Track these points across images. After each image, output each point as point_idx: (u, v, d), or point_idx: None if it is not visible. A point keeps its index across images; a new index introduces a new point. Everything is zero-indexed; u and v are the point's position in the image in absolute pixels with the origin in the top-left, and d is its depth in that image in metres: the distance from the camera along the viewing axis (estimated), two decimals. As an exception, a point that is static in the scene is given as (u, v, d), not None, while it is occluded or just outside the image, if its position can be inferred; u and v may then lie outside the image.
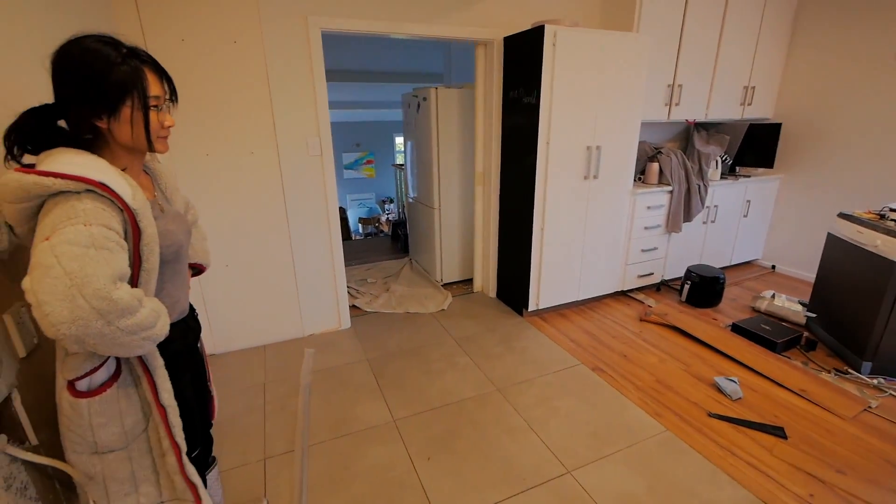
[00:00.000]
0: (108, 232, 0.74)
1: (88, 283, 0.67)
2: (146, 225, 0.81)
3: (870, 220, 2.31)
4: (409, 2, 2.48)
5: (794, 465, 1.71)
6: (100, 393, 0.85)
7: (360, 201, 9.02)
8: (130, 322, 0.73)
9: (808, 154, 3.43)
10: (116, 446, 0.89)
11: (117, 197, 0.77)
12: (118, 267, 0.73)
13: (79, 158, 0.77)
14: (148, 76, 0.84)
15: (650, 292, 3.38)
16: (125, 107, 0.82)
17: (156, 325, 0.79)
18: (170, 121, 0.91)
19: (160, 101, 0.87)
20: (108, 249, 0.72)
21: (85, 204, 0.73)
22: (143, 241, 0.81)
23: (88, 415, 0.84)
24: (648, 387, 2.22)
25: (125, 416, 0.89)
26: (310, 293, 2.72)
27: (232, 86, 2.22)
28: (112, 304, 0.69)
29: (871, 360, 2.24)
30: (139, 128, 0.85)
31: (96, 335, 0.70)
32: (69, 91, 0.79)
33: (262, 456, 1.81)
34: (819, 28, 3.25)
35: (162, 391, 0.90)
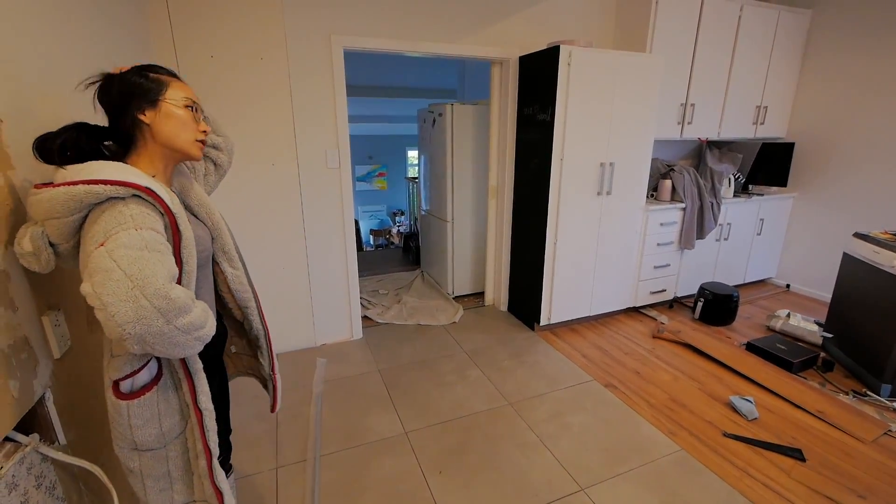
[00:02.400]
0: (157, 235, 0.77)
1: (149, 284, 0.71)
2: (185, 228, 0.85)
3: (886, 240, 2.30)
4: (428, 22, 2.56)
5: (812, 489, 1.68)
6: (139, 396, 0.88)
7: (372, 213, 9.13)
8: (186, 321, 0.75)
9: (821, 173, 3.43)
10: (154, 446, 0.92)
11: (161, 201, 0.81)
12: (170, 267, 0.77)
13: (113, 166, 0.81)
14: (179, 84, 0.93)
15: (663, 309, 3.36)
16: (163, 100, 0.89)
17: (206, 325, 0.81)
18: (205, 126, 0.97)
19: (194, 102, 0.94)
20: (160, 251, 0.76)
21: (132, 209, 0.77)
22: (182, 244, 0.84)
23: (128, 416, 0.88)
24: (662, 405, 2.20)
25: (163, 418, 0.92)
26: (323, 303, 2.75)
27: (257, 100, 2.31)
28: (171, 303, 0.72)
29: (891, 382, 2.20)
30: (176, 120, 0.91)
31: (157, 333, 0.72)
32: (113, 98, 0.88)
33: (275, 465, 1.83)
34: (831, 49, 3.28)
35: (200, 394, 0.93)
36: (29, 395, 0.96)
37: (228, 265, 1.10)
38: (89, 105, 0.92)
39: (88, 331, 1.24)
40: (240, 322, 1.22)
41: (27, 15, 1.09)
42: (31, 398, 0.96)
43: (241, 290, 1.13)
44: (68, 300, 1.14)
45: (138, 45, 1.90)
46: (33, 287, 1.00)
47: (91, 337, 1.25)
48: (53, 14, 1.21)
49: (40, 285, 1.03)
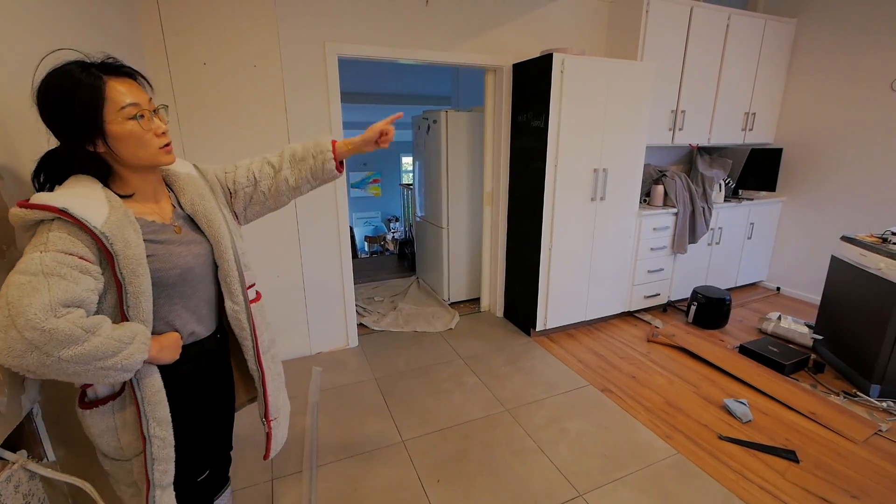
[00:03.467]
0: (63, 257, 0.73)
1: (21, 313, 0.66)
2: (121, 248, 0.79)
3: (872, 243, 2.35)
4: (422, 30, 2.58)
5: (807, 490, 1.70)
6: (94, 407, 0.87)
7: (366, 220, 9.11)
8: (74, 352, 0.70)
9: (809, 178, 3.49)
10: (117, 457, 0.91)
11: (79, 222, 0.75)
12: (65, 294, 0.71)
13: (69, 184, 0.81)
14: (118, 86, 0.81)
15: (657, 313, 3.38)
16: (103, 123, 0.80)
17: (118, 355, 0.75)
18: (161, 126, 0.88)
19: (140, 108, 0.83)
20: (60, 276, 0.71)
21: (52, 231, 0.75)
22: (119, 264, 0.79)
23: (88, 424, 0.88)
24: (658, 408, 2.22)
25: (121, 433, 0.89)
26: (319, 311, 2.74)
27: (251, 107, 2.30)
28: (45, 335, 0.67)
29: (880, 382, 2.23)
30: (128, 142, 0.82)
31: (37, 365, 0.68)
32: (50, 122, 0.80)
33: (270, 476, 1.80)
34: (816, 57, 3.36)
35: (150, 420, 0.87)
36: (17, 411, 0.93)
37: (229, 297, 1.03)
38: None
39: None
40: None
41: (16, 24, 1.08)
42: (18, 414, 0.94)
43: (238, 327, 1.06)
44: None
45: (130, 54, 1.90)
46: None
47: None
48: (43, 24, 1.21)
49: None
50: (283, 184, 1.13)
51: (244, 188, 1.12)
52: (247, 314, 1.07)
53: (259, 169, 1.13)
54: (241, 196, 1.12)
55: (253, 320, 1.08)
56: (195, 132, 2.22)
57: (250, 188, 1.12)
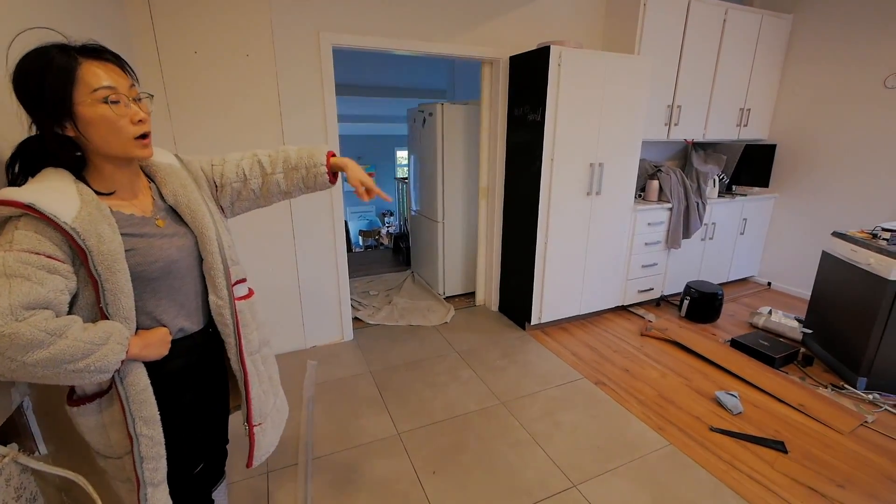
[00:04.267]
0: (28, 256, 0.70)
1: None
2: (94, 244, 0.75)
3: (863, 239, 2.38)
4: (419, 20, 2.56)
5: (795, 480, 1.73)
6: (83, 404, 0.85)
7: (361, 214, 9.07)
8: (42, 356, 0.67)
9: (801, 174, 3.53)
10: (109, 454, 0.90)
11: (47, 218, 0.72)
12: (28, 296, 0.68)
13: (41, 177, 0.78)
14: (92, 68, 0.77)
15: (650, 307, 3.41)
16: (71, 104, 0.75)
17: (89, 357, 0.73)
18: (139, 113, 0.82)
19: (115, 92, 0.78)
20: (23, 276, 0.68)
21: (18, 229, 0.71)
22: (94, 261, 0.76)
23: (77, 422, 0.87)
24: (651, 401, 2.24)
25: (110, 430, 0.88)
26: (313, 305, 2.73)
27: (243, 97, 2.27)
28: (5, 340, 0.64)
29: (867, 375, 2.28)
30: (98, 126, 0.78)
31: (4, 370, 0.66)
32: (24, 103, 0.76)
33: (265, 469, 1.80)
34: (811, 54, 3.37)
35: (136, 419, 0.85)
36: (6, 404, 0.92)
37: (213, 292, 0.99)
38: None
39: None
40: None
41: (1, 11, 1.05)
42: (8, 407, 0.93)
43: (221, 324, 1.02)
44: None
45: (119, 42, 1.86)
46: None
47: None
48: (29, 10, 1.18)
49: None
50: (274, 186, 1.10)
51: (232, 183, 1.08)
52: (231, 310, 1.02)
53: (249, 167, 1.09)
54: (229, 191, 1.09)
55: (237, 317, 1.03)
56: (186, 123, 2.19)
57: (239, 184, 1.08)
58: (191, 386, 1.02)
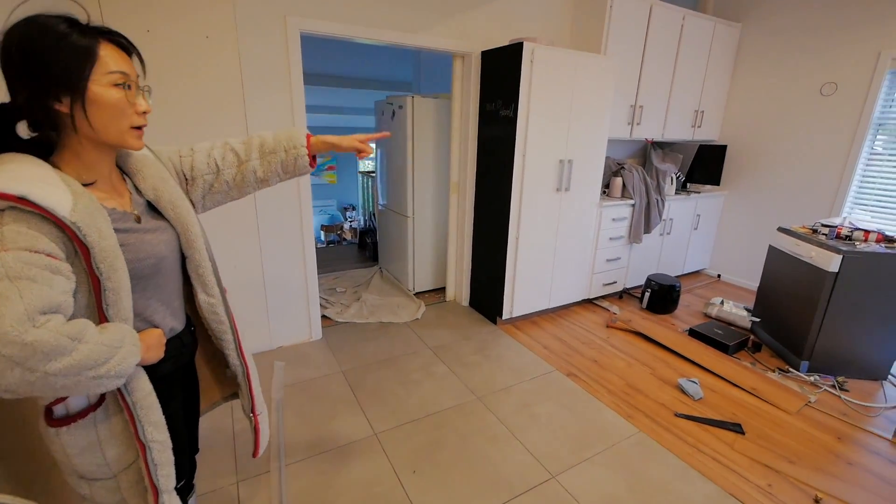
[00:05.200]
0: (29, 256, 0.62)
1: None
2: (95, 240, 0.69)
3: (805, 234, 2.59)
4: (391, 10, 2.48)
5: (752, 458, 1.86)
6: (72, 422, 0.76)
7: (322, 208, 8.79)
8: (62, 364, 0.62)
9: (749, 173, 3.78)
10: (100, 476, 0.81)
11: (45, 211, 0.64)
12: (40, 299, 0.62)
13: (11, 165, 0.66)
14: (110, 51, 0.72)
15: (614, 300, 3.55)
16: (85, 81, 0.69)
17: (109, 361, 0.68)
18: (144, 105, 0.78)
19: (128, 77, 0.74)
20: (29, 278, 0.61)
21: (5, 225, 0.63)
22: (95, 259, 0.69)
23: (62, 444, 0.76)
24: (619, 390, 2.33)
25: (106, 447, 0.80)
26: (279, 303, 2.60)
27: (202, 82, 2.11)
28: (27, 349, 0.58)
29: (808, 359, 2.49)
30: (106, 109, 0.72)
31: (21, 383, 0.59)
32: (15, 71, 0.67)
33: (235, 479, 1.70)
34: (756, 60, 3.62)
35: (145, 425, 0.80)
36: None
37: (202, 290, 0.95)
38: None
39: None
40: None
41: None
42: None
43: (216, 321, 0.98)
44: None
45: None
46: None
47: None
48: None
49: None
50: (249, 175, 1.03)
51: (203, 175, 1.00)
52: (224, 307, 0.99)
53: (221, 156, 1.01)
54: (200, 184, 1.01)
55: (231, 313, 1.01)
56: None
57: (211, 176, 1.01)
58: (176, 391, 0.96)
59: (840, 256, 2.28)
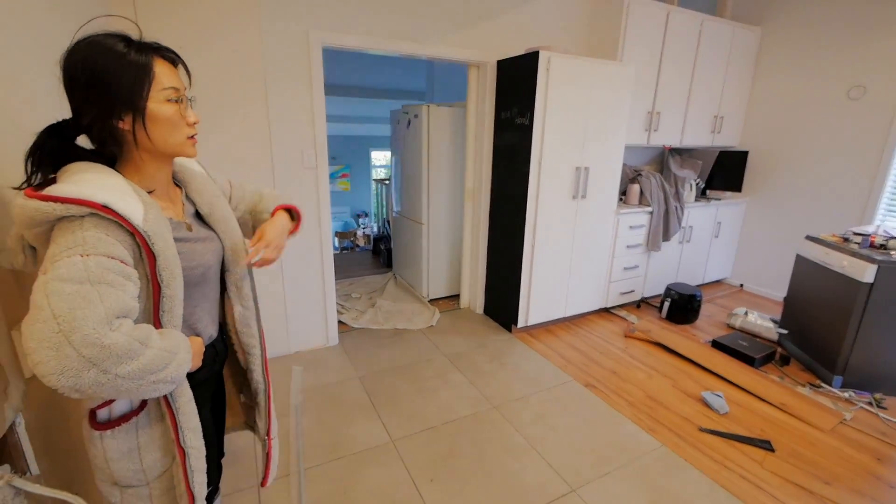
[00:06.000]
0: (108, 262, 0.66)
1: (77, 329, 0.59)
2: (161, 248, 0.73)
3: (835, 242, 2.50)
4: (408, 22, 2.51)
5: (784, 478, 1.78)
6: (115, 426, 0.78)
7: (336, 215, 8.89)
8: (131, 368, 0.64)
9: (772, 180, 3.69)
10: (134, 483, 0.82)
11: (122, 219, 0.68)
12: (117, 304, 0.65)
13: (89, 175, 0.70)
14: (162, 66, 0.76)
15: (631, 309, 3.48)
16: (145, 100, 0.73)
17: (168, 367, 0.70)
18: (194, 116, 0.82)
19: (179, 92, 0.78)
20: (108, 283, 0.64)
21: (86, 231, 0.66)
22: (159, 266, 0.73)
23: (103, 448, 0.78)
24: (640, 402, 2.27)
25: (144, 453, 0.81)
26: (298, 309, 2.62)
27: (229, 94, 2.16)
28: (104, 351, 0.61)
29: (842, 374, 2.38)
30: (163, 124, 0.76)
31: (92, 384, 0.61)
32: (81, 93, 0.71)
33: (256, 481, 1.70)
34: (778, 64, 3.55)
35: (185, 431, 0.82)
36: (0, 422, 0.84)
37: (238, 302, 0.99)
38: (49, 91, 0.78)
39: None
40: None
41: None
42: (2, 425, 0.84)
43: (247, 334, 1.02)
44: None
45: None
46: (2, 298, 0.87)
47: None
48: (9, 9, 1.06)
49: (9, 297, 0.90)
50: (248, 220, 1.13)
51: (243, 213, 1.10)
52: (256, 320, 1.03)
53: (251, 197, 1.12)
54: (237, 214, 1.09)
55: (260, 326, 1.04)
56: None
57: (247, 217, 1.11)
58: (207, 398, 0.98)
59: (875, 266, 2.19)
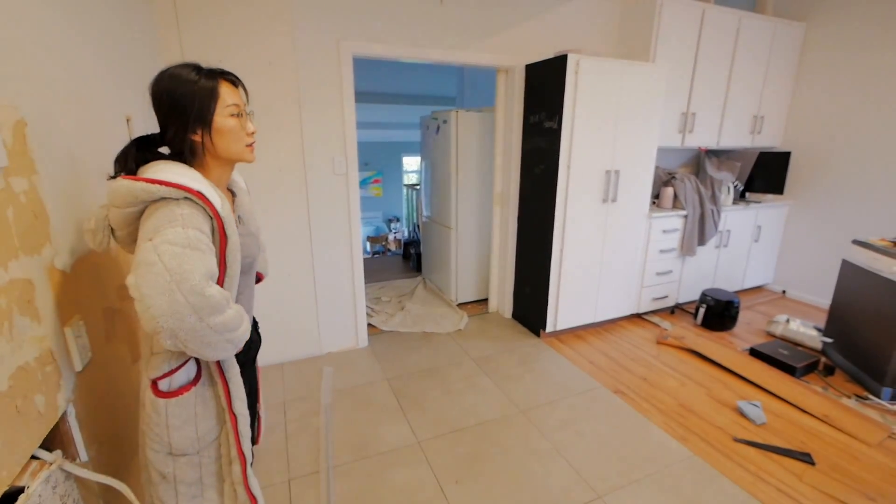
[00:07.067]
0: (201, 235, 0.80)
1: (186, 279, 0.74)
2: (231, 232, 0.87)
3: (886, 247, 2.36)
4: (436, 29, 2.58)
5: (825, 493, 1.70)
6: (178, 394, 0.89)
7: (368, 220, 9.09)
8: (219, 320, 0.78)
9: (816, 182, 3.51)
10: (189, 450, 0.93)
11: (210, 205, 0.83)
12: (210, 266, 0.80)
13: (178, 169, 0.85)
14: (225, 87, 0.90)
15: (664, 315, 3.39)
16: (212, 116, 0.88)
17: (239, 328, 0.84)
18: (252, 127, 0.96)
19: (240, 108, 0.93)
20: (201, 251, 0.79)
21: (183, 209, 0.80)
22: (228, 248, 0.87)
23: (166, 415, 0.89)
24: (671, 410, 2.22)
25: (200, 421, 0.92)
26: (329, 311, 2.72)
27: (265, 105, 2.29)
28: (205, 300, 0.75)
29: (892, 386, 2.24)
30: (227, 135, 0.90)
31: (189, 330, 0.75)
32: (165, 113, 0.88)
33: (287, 477, 1.79)
34: (825, 60, 3.37)
35: (235, 398, 0.94)
36: (53, 411, 0.93)
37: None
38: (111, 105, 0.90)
39: (106, 342, 1.21)
40: None
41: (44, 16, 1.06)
42: (55, 413, 0.93)
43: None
44: (86, 311, 1.11)
45: (148, 58, 1.88)
46: (55, 296, 0.97)
47: (109, 348, 1.22)
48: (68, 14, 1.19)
49: (62, 294, 1.00)
50: None
51: None
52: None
53: None
54: None
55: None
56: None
57: None
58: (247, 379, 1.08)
59: (927, 272, 2.06)
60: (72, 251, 1.06)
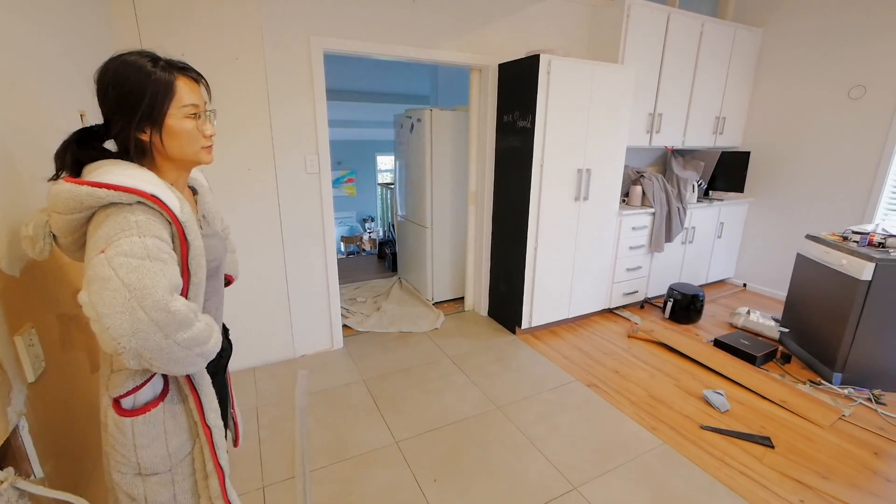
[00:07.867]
0: (160, 243, 0.73)
1: (148, 295, 0.67)
2: (193, 238, 0.80)
3: (835, 241, 2.51)
4: (409, 27, 2.56)
5: (782, 473, 1.80)
6: (144, 412, 0.83)
7: (341, 220, 8.96)
8: (187, 335, 0.72)
9: (773, 180, 3.70)
10: (160, 469, 0.87)
11: (167, 209, 0.76)
12: (173, 277, 0.73)
13: (129, 170, 0.77)
14: (184, 85, 0.82)
15: (635, 309, 3.50)
16: (164, 116, 0.80)
17: (209, 341, 0.78)
18: (211, 129, 0.89)
19: (198, 108, 0.85)
20: (162, 261, 0.72)
21: (137, 216, 0.72)
22: (190, 254, 0.80)
23: (132, 434, 0.82)
24: (642, 401, 2.29)
25: (170, 437, 0.86)
26: (303, 313, 2.67)
27: (232, 101, 2.22)
28: (170, 316, 0.69)
29: (841, 371, 2.39)
30: (180, 137, 0.83)
31: (154, 349, 0.69)
32: (111, 105, 0.79)
33: (261, 484, 1.75)
34: (780, 65, 3.56)
35: (209, 410, 0.89)
36: (3, 425, 0.87)
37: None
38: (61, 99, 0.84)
39: (62, 351, 1.14)
40: None
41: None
42: (5, 428, 0.87)
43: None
44: (39, 318, 1.05)
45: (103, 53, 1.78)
46: (2, 303, 0.91)
47: (65, 357, 1.16)
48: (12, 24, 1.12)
49: (11, 300, 0.94)
50: None
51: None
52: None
53: None
54: None
55: None
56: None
57: None
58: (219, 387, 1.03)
59: (873, 264, 2.21)
60: (20, 255, 0.99)
